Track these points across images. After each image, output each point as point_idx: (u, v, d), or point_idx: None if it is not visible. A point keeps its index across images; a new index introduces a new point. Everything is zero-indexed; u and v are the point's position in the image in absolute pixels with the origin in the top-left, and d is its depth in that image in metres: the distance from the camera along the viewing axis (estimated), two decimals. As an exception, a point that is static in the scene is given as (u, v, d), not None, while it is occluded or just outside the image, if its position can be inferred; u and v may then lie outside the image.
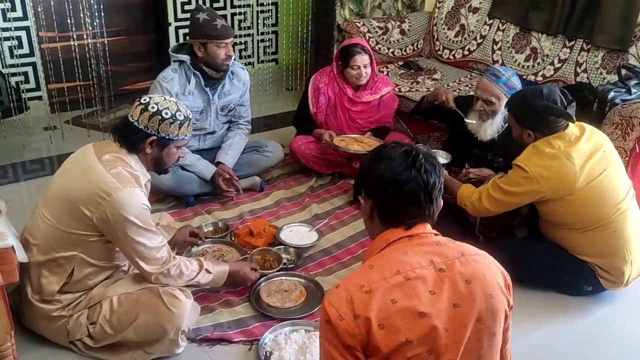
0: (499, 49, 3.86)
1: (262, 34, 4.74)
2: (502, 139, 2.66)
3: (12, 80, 3.76)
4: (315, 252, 2.65)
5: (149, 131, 1.92)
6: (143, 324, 1.91)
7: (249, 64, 4.73)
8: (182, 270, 1.98)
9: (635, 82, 2.94)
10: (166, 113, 1.91)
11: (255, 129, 3.79)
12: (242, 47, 4.68)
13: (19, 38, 3.72)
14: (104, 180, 1.83)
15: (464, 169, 2.72)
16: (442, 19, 4.20)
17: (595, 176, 2.19)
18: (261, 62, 4.84)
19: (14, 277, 1.78)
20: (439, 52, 4.21)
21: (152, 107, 1.91)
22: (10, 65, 3.73)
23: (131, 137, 1.93)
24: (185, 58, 2.82)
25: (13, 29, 3.63)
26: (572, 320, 2.31)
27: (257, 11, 4.63)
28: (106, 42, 4.03)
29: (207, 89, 2.89)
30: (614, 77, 3.16)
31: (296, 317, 2.20)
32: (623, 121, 2.69)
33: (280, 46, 4.90)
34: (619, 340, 2.23)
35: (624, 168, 2.37)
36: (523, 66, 3.71)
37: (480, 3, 4.00)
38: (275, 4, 4.71)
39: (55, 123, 3.87)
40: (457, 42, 4.11)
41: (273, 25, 4.79)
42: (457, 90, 3.61)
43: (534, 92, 2.24)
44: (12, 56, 3.71)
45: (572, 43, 3.50)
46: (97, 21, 3.86)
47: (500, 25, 3.87)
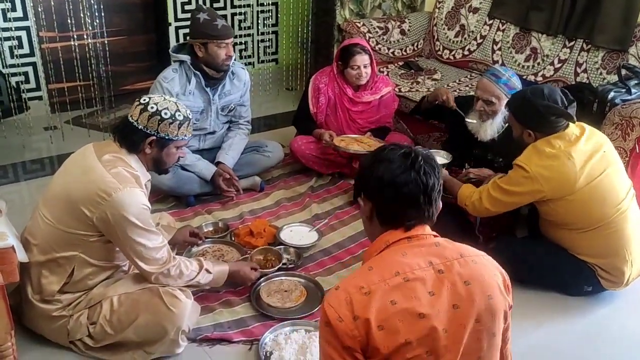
0: (499, 49, 3.86)
1: (262, 34, 4.74)
2: (502, 139, 2.66)
3: (13, 80, 3.76)
4: (315, 252, 2.65)
5: (148, 131, 1.92)
6: (143, 324, 1.91)
7: (249, 64, 4.73)
8: (182, 271, 1.98)
9: (635, 82, 2.94)
10: (165, 113, 1.91)
11: (256, 129, 3.80)
12: (242, 47, 4.68)
13: (19, 38, 3.72)
14: (104, 180, 1.83)
15: (464, 169, 2.72)
16: (442, 19, 4.20)
17: (595, 176, 2.19)
18: (261, 62, 4.84)
19: (14, 277, 1.78)
20: (439, 52, 4.21)
21: (152, 107, 1.91)
22: (10, 65, 3.74)
23: (131, 137, 1.93)
24: (186, 58, 2.82)
25: (13, 28, 3.63)
26: (572, 320, 2.31)
27: (257, 11, 4.63)
28: (106, 42, 4.03)
29: (208, 89, 2.89)
30: (614, 77, 3.16)
31: (296, 317, 2.20)
32: (623, 121, 2.69)
33: (281, 46, 4.90)
34: (619, 340, 2.23)
35: (624, 168, 2.37)
36: (523, 66, 3.71)
37: (481, 3, 4.00)
38: (275, 4, 4.71)
39: (55, 123, 3.87)
40: (457, 42, 4.11)
41: (273, 25, 4.79)
42: (457, 91, 3.61)
43: (535, 92, 2.24)
44: (13, 56, 3.72)
45: (572, 43, 3.50)
46: (97, 21, 3.86)
47: (500, 25, 3.87)
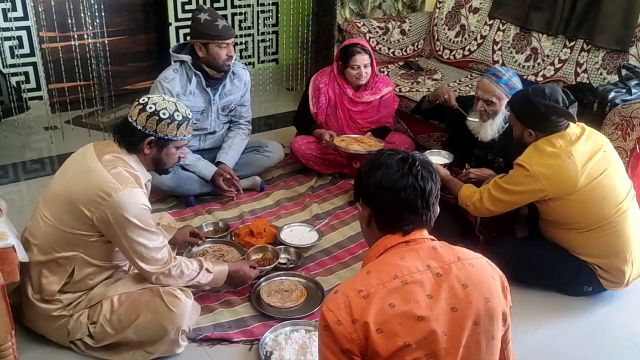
0: (500, 49, 3.86)
1: (262, 34, 4.74)
2: (502, 139, 2.66)
3: (13, 80, 3.76)
4: (315, 252, 2.65)
5: (147, 131, 1.91)
6: (143, 324, 1.91)
7: (249, 64, 4.73)
8: (182, 271, 1.98)
9: (636, 82, 2.94)
10: (164, 113, 1.91)
11: (256, 129, 3.80)
12: (243, 47, 4.68)
13: (19, 38, 3.72)
14: (104, 180, 1.83)
15: (464, 169, 2.72)
16: (442, 19, 4.20)
17: (595, 176, 2.19)
18: (261, 62, 4.84)
19: (15, 276, 1.78)
20: (440, 52, 4.21)
21: (150, 108, 1.91)
22: (10, 65, 3.74)
23: (130, 137, 1.93)
24: (187, 58, 2.82)
25: (14, 28, 3.63)
26: (572, 320, 2.31)
27: (258, 11, 4.63)
28: (107, 42, 4.03)
29: (208, 89, 2.89)
30: (614, 78, 3.16)
31: (296, 317, 2.20)
32: (623, 121, 2.69)
33: (281, 46, 4.90)
34: (619, 340, 2.23)
35: (624, 168, 2.37)
36: (523, 66, 3.71)
37: (481, 3, 4.00)
38: (275, 4, 4.71)
39: (55, 123, 3.87)
40: (457, 42, 4.11)
41: (273, 26, 4.79)
42: (458, 91, 3.61)
43: (536, 91, 2.24)
44: (13, 56, 3.72)
45: (572, 43, 3.50)
46: (98, 21, 3.86)
47: (501, 25, 3.87)
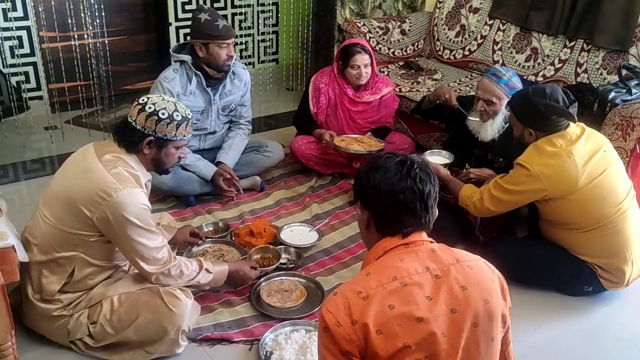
0: (500, 49, 3.86)
1: (262, 34, 4.74)
2: (502, 139, 2.66)
3: (13, 79, 3.76)
4: (315, 252, 2.65)
5: (146, 131, 1.91)
6: (143, 324, 1.91)
7: (249, 64, 4.73)
8: (182, 271, 1.98)
9: (636, 82, 2.93)
10: (163, 113, 1.91)
11: (256, 129, 3.80)
12: (243, 47, 4.67)
13: (19, 38, 3.72)
14: (104, 180, 1.83)
15: (464, 169, 2.72)
16: (442, 19, 4.20)
17: (595, 176, 2.19)
18: (262, 62, 4.84)
19: (15, 276, 1.78)
20: (440, 52, 4.21)
21: (149, 108, 1.91)
22: (11, 65, 3.74)
23: (130, 137, 1.93)
24: (187, 58, 2.82)
25: (14, 28, 3.63)
26: (572, 320, 2.31)
27: (258, 11, 4.63)
28: (107, 42, 4.03)
29: (209, 89, 2.89)
30: (614, 78, 3.16)
31: (296, 317, 2.20)
32: (623, 121, 2.69)
33: (281, 46, 4.90)
34: (619, 340, 2.23)
35: (624, 168, 2.37)
36: (523, 66, 3.71)
37: (481, 3, 4.00)
38: (275, 4, 4.71)
39: (55, 123, 3.87)
40: (457, 42, 4.11)
41: (274, 26, 4.79)
42: (458, 91, 3.60)
43: (537, 91, 2.24)
44: (13, 56, 3.72)
45: (572, 43, 3.50)
46: (98, 21, 3.86)
47: (501, 25, 3.87)
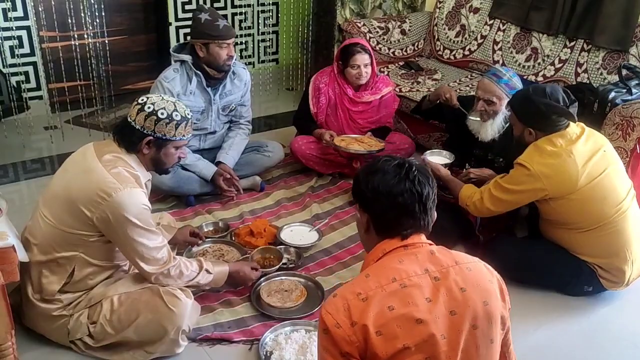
0: (500, 49, 3.86)
1: (262, 33, 4.74)
2: (502, 139, 2.66)
3: (13, 79, 3.76)
4: (315, 252, 2.65)
5: (145, 131, 1.91)
6: (143, 324, 1.91)
7: (249, 63, 4.73)
8: (182, 271, 1.98)
9: (636, 82, 2.93)
10: (162, 113, 1.91)
11: (256, 129, 3.80)
12: (243, 47, 4.67)
13: (19, 37, 3.72)
14: (104, 180, 1.83)
15: (464, 169, 2.72)
16: (442, 19, 4.20)
17: (595, 175, 2.19)
18: (262, 62, 4.84)
19: (15, 276, 1.78)
20: (440, 52, 4.21)
21: (148, 107, 1.90)
22: (11, 65, 3.74)
23: (129, 137, 1.93)
24: (187, 58, 2.82)
25: (14, 28, 3.63)
26: (572, 320, 2.31)
27: (258, 11, 4.63)
28: (107, 42, 4.03)
29: (209, 89, 2.89)
30: (614, 78, 3.16)
31: (296, 316, 2.20)
32: (623, 121, 2.69)
33: (281, 46, 4.90)
34: (619, 340, 2.23)
35: (624, 168, 2.37)
36: (524, 66, 3.71)
37: (481, 3, 4.00)
38: (276, 4, 4.71)
39: (55, 122, 3.87)
40: (457, 42, 4.11)
41: (274, 25, 4.79)
42: (458, 90, 3.60)
43: (537, 90, 2.24)
44: (13, 55, 3.72)
45: (572, 43, 3.50)
46: (98, 21, 3.86)
47: (501, 25, 3.87)
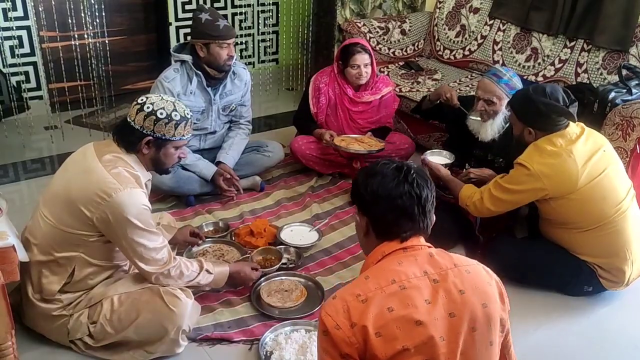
0: (500, 49, 3.86)
1: (262, 34, 4.74)
2: (502, 140, 2.66)
3: (13, 79, 3.76)
4: (315, 252, 2.65)
5: (144, 131, 1.91)
6: (144, 324, 1.91)
7: (249, 64, 4.73)
8: (182, 271, 1.98)
9: (636, 82, 2.94)
10: (161, 113, 1.90)
11: (256, 129, 3.80)
12: (243, 47, 4.67)
13: (19, 37, 3.72)
14: (104, 180, 1.83)
15: (464, 169, 2.72)
16: (442, 19, 4.20)
17: (595, 175, 2.19)
18: (262, 62, 4.84)
19: (15, 276, 1.78)
20: (440, 53, 4.22)
21: (148, 107, 1.90)
22: (11, 65, 3.74)
23: (129, 137, 1.93)
24: (188, 58, 2.82)
25: (14, 28, 3.63)
26: (572, 320, 2.31)
27: (258, 11, 4.63)
28: (107, 42, 4.03)
29: (209, 89, 2.89)
30: (614, 78, 3.16)
31: (296, 316, 2.20)
32: (624, 122, 2.69)
33: (281, 46, 4.90)
34: (619, 340, 2.23)
35: (624, 168, 2.37)
36: (524, 66, 3.71)
37: (481, 3, 4.00)
38: (276, 4, 4.71)
39: (55, 122, 3.87)
40: (457, 42, 4.11)
41: (274, 25, 4.79)
42: (458, 91, 3.60)
43: (537, 90, 2.24)
44: (13, 55, 3.72)
45: (572, 43, 3.50)
46: (98, 21, 3.86)
47: (501, 25, 3.87)
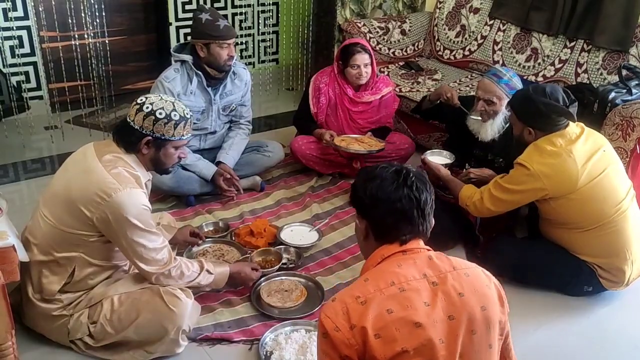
0: (500, 49, 3.86)
1: (262, 34, 4.74)
2: (502, 140, 2.66)
3: (13, 79, 3.76)
4: (315, 252, 2.65)
5: (144, 131, 1.91)
6: (144, 324, 1.91)
7: (249, 64, 4.73)
8: (182, 272, 1.98)
9: (636, 82, 2.93)
10: (160, 113, 1.90)
11: (256, 129, 3.80)
12: (243, 47, 4.67)
13: (20, 37, 3.72)
14: (104, 180, 1.83)
15: (464, 170, 2.72)
16: (442, 19, 4.20)
17: (595, 175, 2.20)
18: (262, 62, 4.84)
19: (15, 276, 1.78)
20: (440, 53, 4.22)
21: (147, 107, 1.90)
22: (11, 65, 3.74)
23: (128, 137, 1.93)
24: (188, 58, 2.82)
25: (14, 28, 3.63)
26: (572, 320, 2.31)
27: (258, 11, 4.63)
28: (107, 42, 4.03)
29: (209, 89, 2.89)
30: (614, 78, 3.16)
31: (296, 316, 2.20)
32: (623, 122, 2.69)
33: (281, 46, 4.90)
34: (619, 340, 2.23)
35: (624, 168, 2.37)
36: (524, 66, 3.71)
37: (481, 3, 4.00)
38: (276, 4, 4.71)
39: (56, 122, 3.87)
40: (457, 42, 4.11)
41: (274, 25, 4.79)
42: (458, 91, 3.60)
43: (537, 90, 2.24)
44: (13, 55, 3.72)
45: (572, 43, 3.50)
46: (98, 21, 3.86)
47: (501, 25, 3.87)
